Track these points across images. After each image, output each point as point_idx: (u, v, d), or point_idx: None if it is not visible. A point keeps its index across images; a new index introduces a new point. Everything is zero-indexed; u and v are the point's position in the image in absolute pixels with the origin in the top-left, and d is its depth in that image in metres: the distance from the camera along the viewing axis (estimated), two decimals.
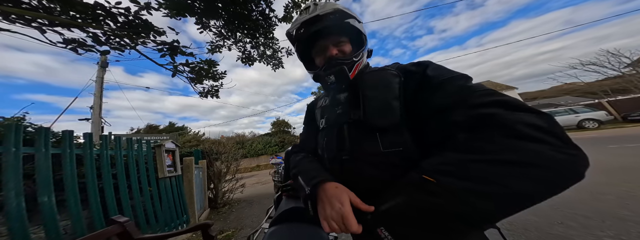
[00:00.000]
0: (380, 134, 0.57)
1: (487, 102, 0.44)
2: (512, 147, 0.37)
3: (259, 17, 3.36)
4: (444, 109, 0.49)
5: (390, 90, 0.59)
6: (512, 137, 0.37)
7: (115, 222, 1.04)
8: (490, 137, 0.39)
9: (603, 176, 3.18)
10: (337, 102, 0.72)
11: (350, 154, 0.61)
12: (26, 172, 1.56)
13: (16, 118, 2.86)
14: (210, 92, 3.55)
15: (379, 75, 0.64)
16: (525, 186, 0.34)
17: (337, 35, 0.69)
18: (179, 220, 2.99)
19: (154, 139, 5.08)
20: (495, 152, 0.37)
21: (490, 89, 0.47)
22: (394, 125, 0.56)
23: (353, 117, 0.63)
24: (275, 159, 7.20)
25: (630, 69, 17.03)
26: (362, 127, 0.61)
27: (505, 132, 0.38)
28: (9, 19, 1.84)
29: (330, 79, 0.67)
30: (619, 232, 1.80)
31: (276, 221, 1.00)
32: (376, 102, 0.59)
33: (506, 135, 0.38)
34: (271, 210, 1.64)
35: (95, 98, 6.84)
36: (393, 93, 0.58)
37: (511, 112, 0.40)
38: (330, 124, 0.72)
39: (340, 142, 0.64)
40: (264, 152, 17.85)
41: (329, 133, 0.70)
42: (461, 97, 0.48)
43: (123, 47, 2.46)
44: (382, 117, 0.57)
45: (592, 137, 7.42)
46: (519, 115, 0.39)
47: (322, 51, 0.71)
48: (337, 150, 0.64)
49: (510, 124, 0.38)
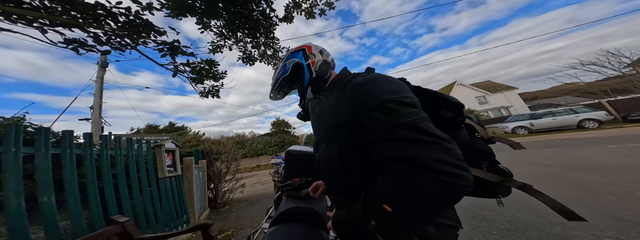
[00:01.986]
0: (325, 144, 0.73)
1: (402, 145, 0.49)
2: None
3: (260, 17, 3.36)
4: (373, 141, 0.54)
5: (331, 113, 0.66)
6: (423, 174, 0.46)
7: (115, 222, 1.04)
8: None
9: (603, 176, 3.18)
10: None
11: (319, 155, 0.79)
12: (26, 172, 1.56)
13: (16, 118, 2.86)
14: (211, 92, 3.55)
15: (322, 101, 0.71)
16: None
17: (290, 85, 0.90)
18: (179, 220, 2.99)
19: (154, 139, 5.07)
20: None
21: (409, 121, 0.50)
22: (331, 142, 0.68)
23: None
24: (275, 159, 7.19)
25: (630, 69, 17.02)
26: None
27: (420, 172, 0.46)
28: (10, 19, 1.84)
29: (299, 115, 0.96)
30: (619, 232, 1.80)
31: (276, 221, 1.00)
32: (322, 132, 0.73)
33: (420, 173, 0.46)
34: (271, 210, 1.64)
35: (95, 98, 6.84)
36: (335, 115, 0.64)
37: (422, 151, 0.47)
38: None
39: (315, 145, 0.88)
40: (264, 152, 17.84)
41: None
42: (384, 132, 0.51)
43: (124, 47, 2.46)
44: (329, 141, 0.70)
45: (592, 137, 7.42)
46: (429, 154, 0.46)
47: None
48: (315, 151, 0.87)
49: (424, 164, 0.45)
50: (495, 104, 23.18)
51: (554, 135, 9.28)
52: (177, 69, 2.92)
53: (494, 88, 24.22)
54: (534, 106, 23.07)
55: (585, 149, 5.39)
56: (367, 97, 0.56)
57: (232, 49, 3.80)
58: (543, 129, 11.55)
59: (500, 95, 23.25)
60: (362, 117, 0.55)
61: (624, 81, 16.76)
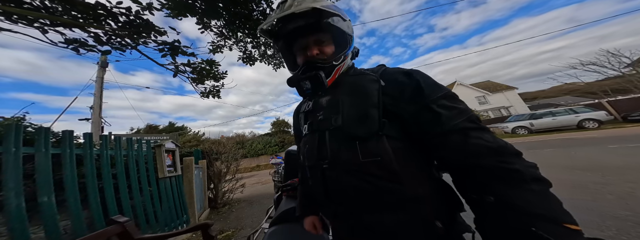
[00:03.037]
0: (359, 142, 0.55)
1: (476, 133, 0.49)
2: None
3: (260, 17, 3.36)
4: (446, 132, 0.50)
5: (368, 97, 0.57)
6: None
7: (115, 222, 1.04)
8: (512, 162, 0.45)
9: (603, 176, 3.18)
10: (319, 106, 0.68)
11: (330, 162, 0.59)
12: (26, 172, 1.56)
13: (16, 118, 2.87)
14: (212, 92, 3.55)
15: (357, 81, 0.62)
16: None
17: (317, 33, 0.64)
18: (179, 220, 2.99)
19: (154, 139, 5.08)
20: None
21: (472, 113, 0.52)
22: (372, 134, 0.54)
23: (334, 123, 0.60)
24: (275, 159, 7.20)
25: (630, 69, 17.03)
26: (341, 135, 0.58)
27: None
28: (11, 19, 1.84)
29: (306, 85, 0.64)
30: (619, 232, 1.80)
31: (276, 221, 1.00)
32: (353, 110, 0.58)
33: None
34: (271, 210, 1.65)
35: (95, 98, 6.84)
36: (371, 100, 0.56)
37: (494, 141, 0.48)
38: (312, 129, 0.67)
39: (321, 150, 0.61)
40: (264, 152, 17.85)
41: (310, 140, 0.66)
42: (456, 122, 0.50)
43: (124, 47, 2.46)
44: (359, 125, 0.55)
45: (592, 137, 7.42)
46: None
47: (303, 50, 0.67)
48: (317, 158, 0.62)
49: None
50: (495, 104, 23.19)
51: (554, 135, 9.27)
52: (177, 69, 2.93)
53: (494, 88, 24.23)
54: (534, 106, 23.07)
55: (585, 149, 5.39)
56: (434, 86, 0.55)
57: (232, 49, 3.80)
58: (543, 129, 11.54)
59: (500, 95, 23.25)
60: (431, 104, 0.52)
61: (624, 81, 16.76)
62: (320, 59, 0.64)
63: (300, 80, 0.65)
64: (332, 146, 0.59)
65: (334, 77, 0.65)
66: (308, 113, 0.74)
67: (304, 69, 0.64)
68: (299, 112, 0.83)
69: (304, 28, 0.62)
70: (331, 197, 0.60)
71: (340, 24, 0.65)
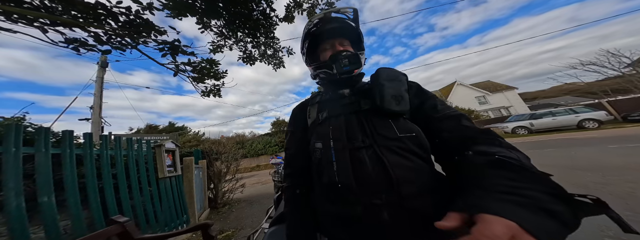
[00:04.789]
0: (393, 120, 0.62)
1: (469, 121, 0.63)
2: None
3: (260, 17, 3.36)
4: (444, 117, 0.62)
5: (402, 84, 0.69)
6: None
7: (115, 222, 1.04)
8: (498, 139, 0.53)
9: (603, 176, 3.18)
10: (341, 95, 0.75)
11: (366, 139, 0.60)
12: (26, 172, 1.55)
13: (16, 118, 2.87)
14: (213, 92, 3.55)
15: (392, 71, 0.72)
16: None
17: (346, 37, 0.77)
18: (179, 220, 2.99)
19: (154, 139, 5.08)
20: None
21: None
22: (405, 112, 0.64)
23: (364, 106, 0.67)
24: (275, 159, 7.18)
25: (631, 69, 17.02)
26: (375, 115, 0.64)
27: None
28: (11, 18, 1.84)
29: (344, 62, 0.70)
30: (619, 232, 1.80)
31: (276, 221, 1.00)
32: (393, 91, 0.65)
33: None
34: (271, 210, 1.64)
35: (95, 98, 6.84)
36: (405, 86, 0.69)
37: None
38: (336, 114, 0.69)
39: (352, 130, 0.63)
40: (264, 152, 17.84)
41: (336, 121, 0.68)
42: (451, 111, 0.64)
43: (124, 47, 2.46)
44: (398, 103, 0.63)
45: (592, 137, 7.42)
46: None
47: (330, 48, 0.76)
48: (348, 138, 0.62)
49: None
50: (495, 104, 23.18)
51: (554, 135, 9.27)
52: (178, 68, 2.92)
53: (494, 88, 24.22)
54: (534, 106, 23.07)
55: (585, 149, 5.39)
56: (428, 91, 0.72)
57: (232, 48, 3.80)
58: (543, 129, 11.55)
59: (500, 95, 23.25)
60: (431, 99, 0.67)
61: (624, 81, 16.76)
62: (346, 50, 0.74)
63: (340, 59, 0.70)
64: (367, 124, 0.63)
65: (356, 70, 0.73)
66: (325, 102, 0.78)
67: (333, 56, 0.72)
68: (307, 106, 0.84)
69: (335, 30, 0.75)
70: (363, 185, 0.54)
71: (362, 37, 0.79)
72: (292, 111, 0.89)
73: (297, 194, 0.73)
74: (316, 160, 0.67)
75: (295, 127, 0.84)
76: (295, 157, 0.79)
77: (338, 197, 0.58)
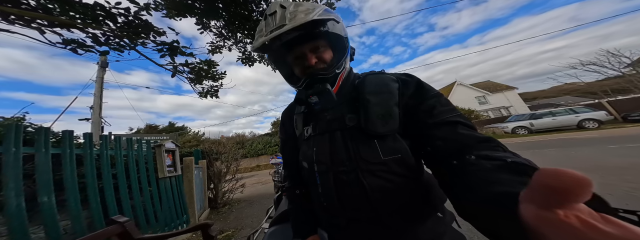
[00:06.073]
0: (378, 140, 0.55)
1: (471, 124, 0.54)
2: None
3: (260, 18, 3.36)
4: (440, 123, 0.52)
5: (392, 96, 0.58)
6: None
7: (115, 222, 1.04)
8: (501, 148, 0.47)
9: (603, 176, 3.18)
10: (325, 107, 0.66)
11: (349, 163, 0.57)
12: (26, 172, 1.56)
13: (16, 118, 2.87)
14: (210, 92, 3.55)
15: (381, 80, 0.62)
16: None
17: (313, 41, 0.61)
18: (179, 220, 2.99)
19: (154, 139, 5.08)
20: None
21: (461, 112, 0.56)
22: (393, 131, 0.55)
23: (349, 123, 0.59)
24: (275, 159, 7.17)
25: (631, 69, 17.03)
26: (359, 134, 0.57)
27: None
28: (8, 19, 1.84)
29: (313, 100, 0.61)
30: None
31: (276, 221, 1.00)
32: (379, 108, 0.57)
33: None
34: (271, 210, 1.65)
35: (95, 98, 6.84)
36: (394, 99, 0.58)
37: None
38: (321, 131, 0.64)
39: (337, 152, 0.59)
40: (264, 152, 17.83)
41: (320, 142, 0.63)
42: (449, 116, 0.54)
43: (123, 48, 2.46)
44: (384, 123, 0.55)
45: (592, 137, 7.42)
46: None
47: (300, 60, 0.63)
48: (331, 161, 0.59)
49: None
50: (495, 104, 23.18)
51: (554, 136, 9.26)
52: (176, 69, 2.92)
53: (494, 88, 24.22)
54: (534, 106, 23.07)
55: (585, 149, 5.39)
56: (430, 86, 0.61)
57: (231, 49, 3.80)
58: (543, 129, 11.54)
59: (500, 95, 23.25)
60: (429, 100, 0.56)
61: (624, 81, 16.78)
62: (321, 69, 0.61)
63: (306, 96, 0.61)
64: (351, 146, 0.58)
65: (338, 84, 0.65)
66: (308, 115, 0.71)
67: (307, 82, 0.61)
68: (292, 114, 0.80)
69: (297, 38, 0.59)
70: (345, 204, 0.57)
71: (335, 28, 0.62)
72: (281, 115, 0.90)
73: (298, 194, 0.77)
74: (305, 175, 0.71)
75: (286, 135, 0.83)
76: (290, 163, 0.80)
77: (325, 209, 0.63)
